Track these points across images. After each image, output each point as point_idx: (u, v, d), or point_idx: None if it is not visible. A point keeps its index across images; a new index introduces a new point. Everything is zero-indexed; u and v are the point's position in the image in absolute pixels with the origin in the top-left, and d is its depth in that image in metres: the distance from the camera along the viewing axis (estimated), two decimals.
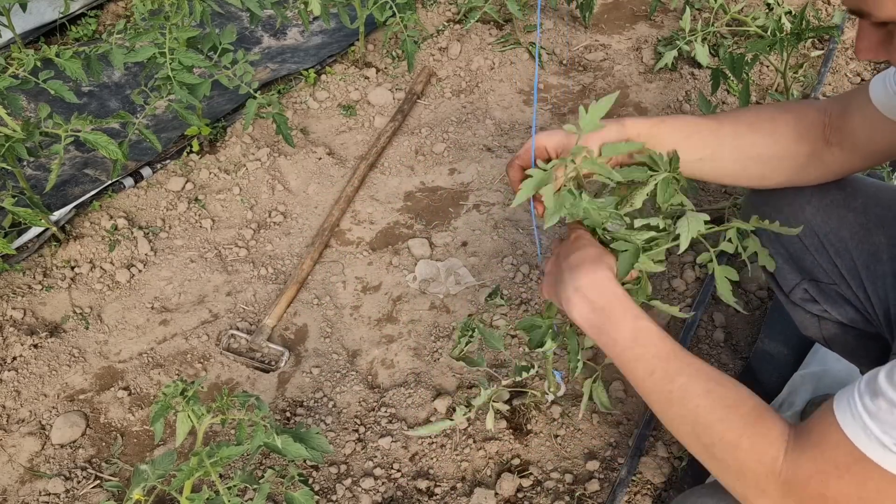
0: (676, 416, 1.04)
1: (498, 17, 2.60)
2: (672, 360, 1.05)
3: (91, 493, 1.60)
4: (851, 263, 1.22)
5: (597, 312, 1.09)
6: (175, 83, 1.92)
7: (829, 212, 1.25)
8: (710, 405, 1.01)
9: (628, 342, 1.07)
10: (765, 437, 0.97)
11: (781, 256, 1.32)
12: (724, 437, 0.99)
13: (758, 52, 1.90)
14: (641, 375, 1.06)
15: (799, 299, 1.33)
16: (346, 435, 1.68)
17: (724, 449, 0.99)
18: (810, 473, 0.90)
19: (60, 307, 1.93)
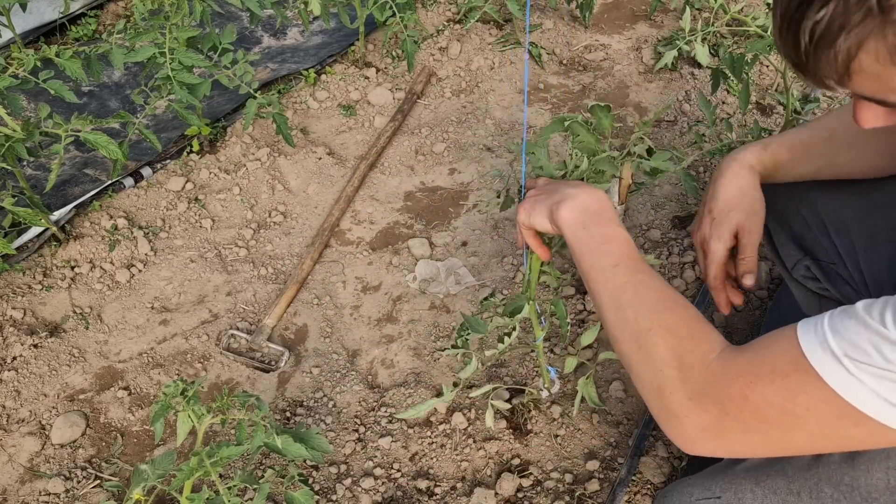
0: (625, 302, 1.04)
1: (498, 16, 2.60)
2: (639, 263, 1.08)
3: (91, 493, 1.60)
4: (850, 244, 1.24)
5: (588, 213, 1.13)
6: (175, 83, 1.92)
7: (834, 192, 1.27)
8: (661, 298, 1.02)
9: (605, 238, 1.10)
10: (705, 333, 0.97)
11: (785, 233, 1.34)
12: (666, 322, 0.99)
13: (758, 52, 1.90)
14: (606, 265, 1.08)
15: (801, 276, 1.35)
16: (346, 435, 1.68)
17: (659, 334, 0.98)
18: (741, 372, 0.89)
19: (60, 307, 1.93)
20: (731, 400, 0.88)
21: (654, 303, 1.02)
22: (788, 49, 0.82)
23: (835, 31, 0.76)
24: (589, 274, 1.10)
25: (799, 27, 0.78)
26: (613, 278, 1.07)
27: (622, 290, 1.05)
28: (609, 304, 1.06)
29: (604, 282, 1.08)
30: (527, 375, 1.77)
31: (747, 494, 1.09)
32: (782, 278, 1.92)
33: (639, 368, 1.00)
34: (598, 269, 1.09)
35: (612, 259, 1.08)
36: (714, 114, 1.84)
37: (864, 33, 0.74)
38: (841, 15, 0.74)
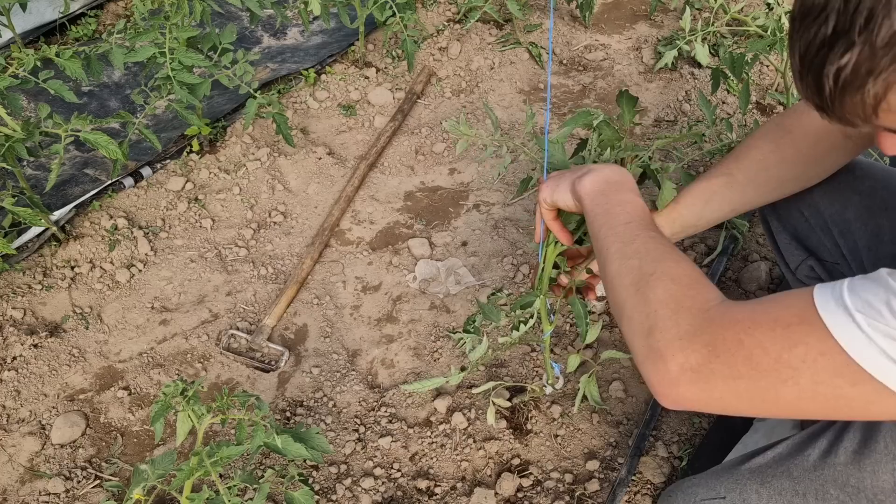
0: (632, 252, 1.02)
1: (498, 16, 2.60)
2: (652, 224, 1.07)
3: (91, 493, 1.60)
4: (854, 244, 1.24)
5: (609, 183, 1.12)
6: (175, 83, 1.92)
7: (836, 193, 1.27)
8: (669, 250, 1.00)
9: (622, 202, 1.10)
10: (708, 286, 0.95)
11: (788, 233, 1.35)
12: (670, 270, 0.97)
13: (758, 52, 1.90)
14: (618, 222, 1.07)
15: (804, 276, 1.35)
16: (346, 435, 1.68)
17: (661, 280, 0.96)
18: (740, 318, 0.87)
19: (60, 307, 1.93)
20: (724, 342, 0.85)
21: (660, 253, 1.00)
22: (810, 93, 0.80)
23: (862, 76, 0.74)
24: (600, 231, 1.09)
25: (822, 72, 0.77)
26: (624, 232, 1.05)
27: (631, 241, 1.04)
28: (615, 255, 1.04)
29: (613, 236, 1.06)
30: (527, 375, 1.77)
31: (752, 495, 1.09)
32: (782, 278, 1.92)
33: (632, 312, 0.97)
34: (609, 226, 1.08)
35: (625, 217, 1.07)
36: (714, 114, 1.84)
37: (893, 76, 0.73)
38: (867, 60, 0.73)
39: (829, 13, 0.74)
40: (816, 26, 0.76)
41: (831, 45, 0.75)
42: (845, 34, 0.73)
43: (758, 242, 2.03)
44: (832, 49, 0.75)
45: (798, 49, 0.79)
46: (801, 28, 0.78)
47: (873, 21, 0.71)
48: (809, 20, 0.77)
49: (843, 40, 0.74)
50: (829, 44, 0.75)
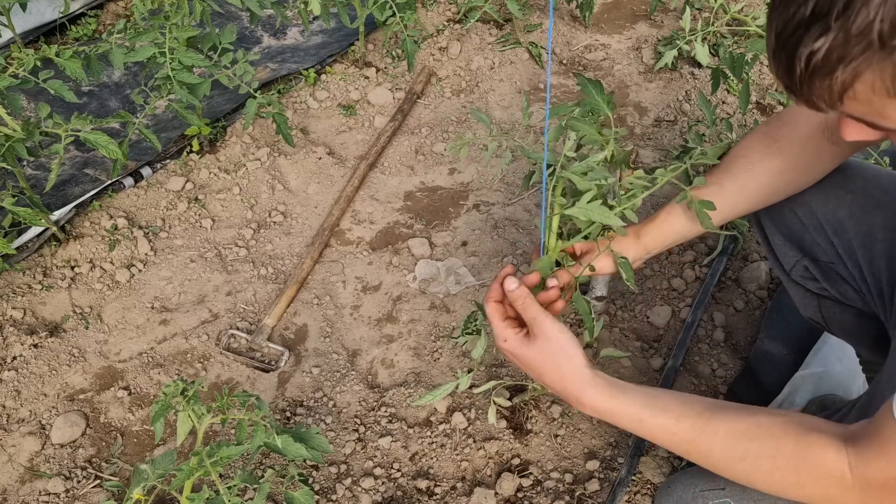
0: (734, 475, 1.06)
1: (498, 16, 2.60)
2: (696, 438, 1.06)
3: (91, 493, 1.60)
4: (848, 243, 1.25)
5: (605, 416, 1.13)
6: (175, 83, 1.92)
7: (829, 193, 1.27)
8: (755, 464, 1.02)
9: (651, 438, 1.11)
10: (822, 465, 0.98)
11: (782, 234, 1.34)
12: (785, 482, 1.01)
13: (758, 52, 1.90)
14: (682, 454, 1.10)
15: (799, 277, 1.35)
16: (346, 434, 1.68)
17: (794, 489, 1.01)
18: (884, 480, 0.93)
19: (60, 307, 1.93)
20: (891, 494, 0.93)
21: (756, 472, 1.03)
22: (781, 71, 0.81)
23: (833, 62, 0.74)
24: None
25: (795, 53, 0.77)
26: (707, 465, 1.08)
27: (716, 469, 1.06)
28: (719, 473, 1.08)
29: (687, 457, 1.09)
30: (527, 375, 1.77)
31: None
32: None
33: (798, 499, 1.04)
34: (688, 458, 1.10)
35: (681, 451, 1.09)
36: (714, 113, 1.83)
37: (862, 66, 0.73)
38: (840, 46, 0.73)
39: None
40: (796, 5, 0.75)
41: (808, 27, 0.75)
42: (823, 17, 0.73)
43: (757, 242, 2.03)
44: (808, 31, 0.75)
45: (775, 26, 0.79)
46: (780, 5, 0.78)
47: (851, 8, 0.71)
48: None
49: (820, 23, 0.73)
50: (806, 25, 0.75)
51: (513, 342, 1.17)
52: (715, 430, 1.04)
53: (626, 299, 1.92)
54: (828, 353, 1.68)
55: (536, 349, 1.14)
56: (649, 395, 1.10)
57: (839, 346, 1.68)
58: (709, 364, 1.79)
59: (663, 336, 1.85)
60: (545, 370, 1.14)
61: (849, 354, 1.67)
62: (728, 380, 1.76)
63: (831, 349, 1.69)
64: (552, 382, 1.14)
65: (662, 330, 1.86)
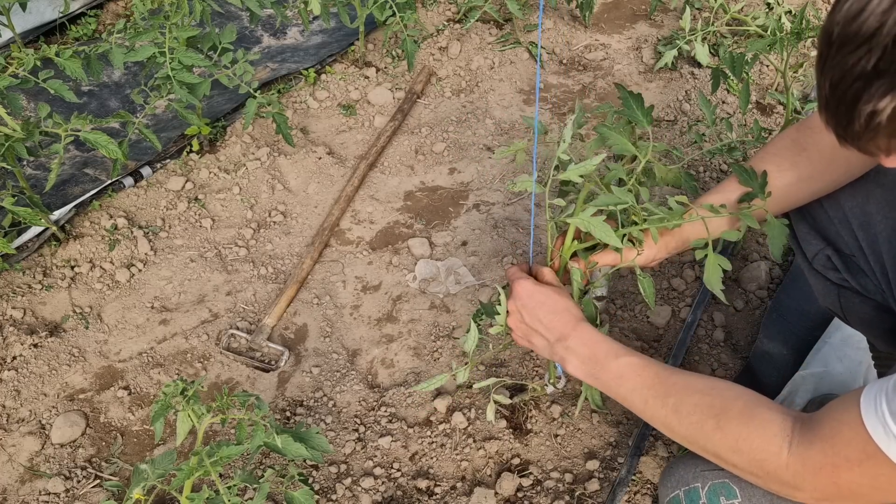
0: (679, 434, 1.11)
1: (498, 16, 2.60)
2: (658, 384, 1.13)
3: (91, 493, 1.60)
4: (874, 238, 1.24)
5: (587, 363, 1.21)
6: (175, 82, 1.92)
7: (857, 186, 1.26)
8: (701, 418, 1.07)
9: (618, 380, 1.17)
10: (761, 435, 1.00)
11: (807, 223, 1.34)
12: (724, 443, 1.04)
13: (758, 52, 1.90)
14: (640, 407, 1.16)
15: (821, 266, 1.35)
16: (346, 434, 1.68)
17: (728, 453, 1.04)
18: (820, 465, 0.94)
19: (60, 307, 1.93)
20: (824, 487, 0.95)
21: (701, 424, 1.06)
22: (836, 123, 0.78)
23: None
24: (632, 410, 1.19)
25: (855, 107, 0.73)
26: (653, 414, 1.14)
27: (668, 425, 1.12)
28: (670, 435, 1.13)
29: (649, 419, 1.16)
30: (527, 375, 1.77)
31: None
32: (782, 279, 1.92)
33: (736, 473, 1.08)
34: (636, 410, 1.17)
35: (639, 397, 1.15)
36: (714, 113, 1.84)
37: None
38: None
39: (873, 47, 0.70)
40: (856, 57, 0.71)
41: (870, 82, 0.71)
42: (888, 75, 0.69)
43: (758, 242, 2.03)
44: (870, 86, 0.71)
45: (831, 76, 0.75)
46: (838, 54, 0.73)
47: None
48: (850, 48, 0.72)
49: (885, 81, 0.70)
50: (868, 79, 0.71)
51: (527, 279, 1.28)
52: (674, 382, 1.11)
53: (626, 299, 1.92)
54: (828, 353, 1.68)
55: (549, 288, 1.27)
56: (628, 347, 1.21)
57: (840, 346, 1.68)
58: (709, 364, 1.79)
59: (663, 336, 1.85)
60: (550, 302, 1.25)
61: (849, 355, 1.67)
62: (728, 379, 1.76)
63: (832, 349, 1.69)
64: (550, 313, 1.24)
65: (662, 330, 1.86)
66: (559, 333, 1.23)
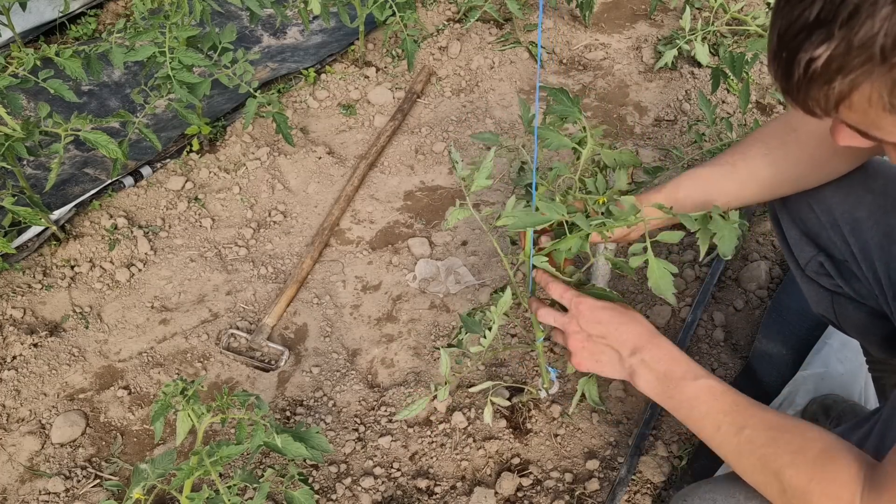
0: (748, 466, 1.05)
1: (498, 16, 2.60)
2: (735, 412, 1.07)
3: (91, 493, 1.60)
4: (865, 243, 1.23)
5: (661, 380, 1.15)
6: (175, 82, 1.92)
7: (848, 191, 1.26)
8: (775, 452, 1.01)
9: (692, 401, 1.11)
10: (834, 481, 0.96)
11: (798, 229, 1.33)
12: (794, 483, 0.99)
13: (758, 52, 1.90)
14: (711, 432, 1.09)
15: (813, 273, 1.34)
16: (346, 434, 1.68)
17: (796, 495, 0.99)
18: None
19: (60, 306, 1.93)
20: None
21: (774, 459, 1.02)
22: (780, 74, 0.80)
23: (832, 71, 0.73)
24: (700, 436, 1.14)
25: (795, 57, 0.76)
26: (724, 441, 1.08)
27: (738, 454, 1.07)
28: (737, 467, 1.08)
29: (717, 447, 1.10)
30: (526, 375, 1.77)
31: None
32: (782, 278, 1.92)
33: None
34: (705, 436, 1.12)
35: (712, 423, 1.09)
36: (714, 113, 1.84)
37: (861, 78, 0.72)
38: (841, 56, 0.72)
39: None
40: (801, 8, 0.74)
41: (810, 32, 0.73)
42: (826, 24, 0.72)
43: (758, 242, 2.03)
44: (810, 36, 0.73)
45: (778, 27, 0.78)
46: (786, 6, 0.76)
47: (856, 18, 0.70)
48: (796, 0, 0.75)
49: (823, 30, 0.72)
50: (809, 29, 0.74)
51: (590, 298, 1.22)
52: (753, 413, 1.06)
53: (625, 299, 1.91)
54: (829, 353, 1.68)
55: (606, 303, 1.21)
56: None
57: (840, 346, 1.68)
58: (709, 364, 1.79)
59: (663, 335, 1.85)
60: (619, 315, 1.19)
61: (849, 356, 1.67)
62: (728, 379, 1.76)
63: (832, 350, 1.69)
64: (621, 325, 1.18)
65: (662, 329, 1.86)
66: (633, 345, 1.17)
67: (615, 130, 2.37)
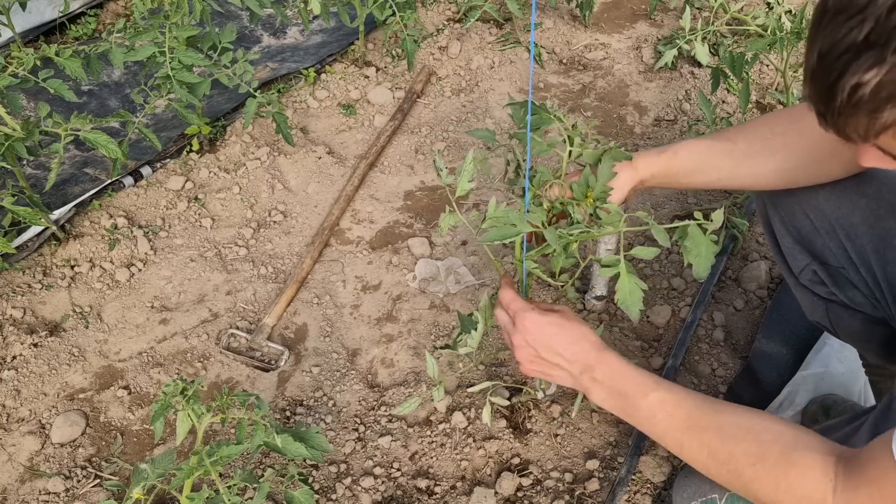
0: (721, 480, 1.04)
1: (498, 15, 2.60)
2: (692, 426, 1.06)
3: (91, 493, 1.60)
4: (861, 248, 1.22)
5: (615, 397, 1.14)
6: (175, 82, 1.92)
7: (842, 197, 1.24)
8: (737, 468, 1.00)
9: (650, 420, 1.10)
10: (802, 483, 0.94)
11: (792, 237, 1.32)
12: (763, 495, 0.98)
13: (758, 51, 1.90)
14: (676, 450, 1.09)
15: (808, 281, 1.33)
16: (346, 434, 1.68)
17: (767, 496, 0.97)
18: None
19: (60, 306, 1.93)
20: None
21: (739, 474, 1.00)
22: (817, 97, 0.74)
23: (881, 99, 0.67)
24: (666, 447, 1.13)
25: (839, 80, 0.69)
26: (691, 457, 1.07)
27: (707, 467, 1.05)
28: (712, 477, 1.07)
29: (689, 461, 1.09)
30: (524, 377, 1.77)
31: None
32: (782, 278, 1.92)
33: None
34: (672, 450, 1.11)
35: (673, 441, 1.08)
36: (714, 113, 1.84)
37: None
38: (892, 83, 0.65)
39: (867, 17, 0.66)
40: (848, 28, 0.67)
41: (858, 54, 0.67)
42: (878, 47, 0.66)
43: (757, 242, 2.03)
44: (858, 58, 0.67)
45: (819, 46, 0.71)
46: (829, 24, 0.70)
47: None
48: (842, 18, 0.68)
49: (873, 53, 0.66)
50: (857, 51, 0.67)
51: (532, 310, 1.19)
52: (707, 425, 1.03)
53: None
54: (829, 353, 1.68)
55: (557, 315, 1.18)
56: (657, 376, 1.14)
57: (840, 346, 1.68)
58: (709, 363, 1.79)
59: (663, 335, 1.85)
60: (565, 332, 1.17)
61: (849, 356, 1.67)
62: (728, 379, 1.76)
63: (832, 350, 1.69)
64: (568, 344, 1.17)
65: (662, 329, 1.86)
66: (583, 364, 1.16)
67: (615, 130, 2.37)
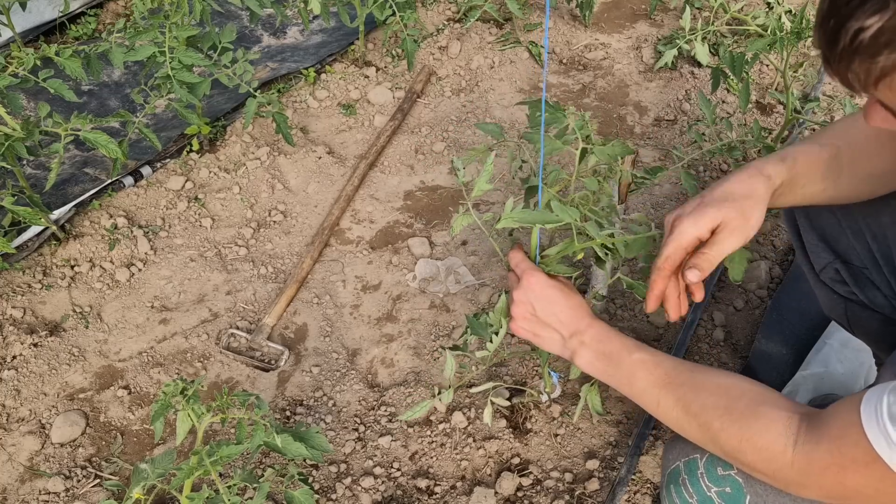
0: (692, 435, 1.10)
1: (498, 15, 2.60)
2: (669, 383, 1.12)
3: (91, 492, 1.60)
4: (888, 249, 1.22)
5: (600, 359, 1.20)
6: (175, 82, 1.92)
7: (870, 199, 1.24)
8: (708, 420, 1.06)
9: (630, 378, 1.16)
10: (763, 435, 1.00)
11: (816, 234, 1.32)
12: (728, 445, 1.03)
13: (758, 51, 1.90)
14: (653, 408, 1.15)
15: (829, 279, 1.33)
16: (346, 434, 1.68)
17: (735, 453, 1.03)
18: (827, 464, 0.93)
19: (60, 306, 1.93)
20: (830, 487, 0.95)
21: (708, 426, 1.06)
22: (824, 40, 0.78)
23: (879, 45, 0.71)
24: (646, 409, 1.18)
25: (844, 24, 0.73)
26: (665, 415, 1.13)
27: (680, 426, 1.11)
28: (685, 436, 1.12)
29: (662, 420, 1.15)
30: (527, 375, 1.77)
31: None
32: (782, 278, 1.92)
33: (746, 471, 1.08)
34: (650, 410, 1.16)
35: (650, 398, 1.14)
36: (714, 113, 1.84)
37: None
38: (892, 30, 0.70)
39: None
40: None
41: (865, 1, 0.71)
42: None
43: (758, 242, 2.03)
44: (864, 4, 0.71)
45: None
46: None
47: None
48: None
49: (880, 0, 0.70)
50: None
51: (540, 272, 1.25)
52: (684, 381, 1.10)
53: (625, 298, 1.92)
54: (828, 353, 1.68)
55: (561, 283, 1.24)
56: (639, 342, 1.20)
57: (840, 346, 1.68)
58: (708, 363, 1.79)
59: (663, 335, 1.85)
60: (565, 297, 1.23)
61: (849, 356, 1.67)
62: None
63: (832, 350, 1.69)
64: (566, 308, 1.22)
65: (662, 329, 1.86)
66: (574, 328, 1.22)
67: (615, 130, 2.37)
